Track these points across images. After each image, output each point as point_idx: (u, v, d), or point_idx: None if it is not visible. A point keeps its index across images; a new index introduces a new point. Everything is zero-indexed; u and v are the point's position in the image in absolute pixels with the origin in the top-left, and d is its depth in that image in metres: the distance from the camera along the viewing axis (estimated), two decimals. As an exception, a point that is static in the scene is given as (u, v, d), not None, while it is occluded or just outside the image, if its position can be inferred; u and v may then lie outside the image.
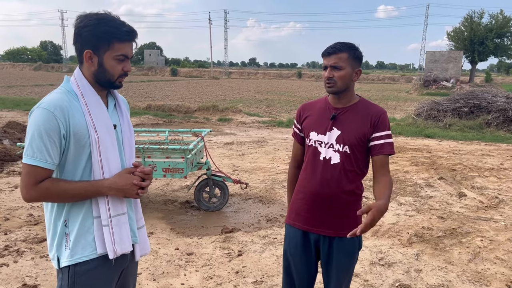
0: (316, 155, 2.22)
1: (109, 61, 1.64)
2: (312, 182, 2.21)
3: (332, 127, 2.19)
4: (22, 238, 4.24)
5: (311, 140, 2.25)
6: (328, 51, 2.15)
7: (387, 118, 2.19)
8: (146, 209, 5.20)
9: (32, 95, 22.57)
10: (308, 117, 2.31)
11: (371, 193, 5.94)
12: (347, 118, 2.19)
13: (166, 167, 4.69)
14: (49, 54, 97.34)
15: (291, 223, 2.32)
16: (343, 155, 2.17)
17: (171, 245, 4.16)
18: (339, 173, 2.17)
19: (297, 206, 2.30)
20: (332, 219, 2.20)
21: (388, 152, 2.18)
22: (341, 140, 2.17)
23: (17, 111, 16.17)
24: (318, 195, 2.20)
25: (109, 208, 1.67)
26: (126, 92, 26.79)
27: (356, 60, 2.16)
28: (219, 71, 73.01)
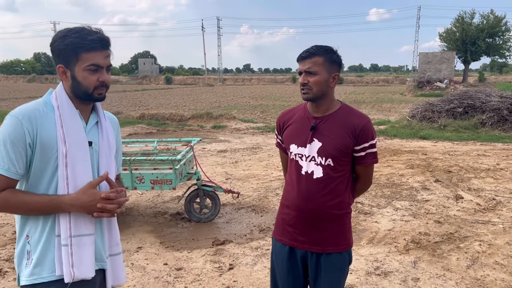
0: (298, 169, 2.09)
1: (81, 73, 1.58)
2: (296, 197, 2.09)
3: (313, 139, 2.06)
4: (5, 257, 4.09)
5: (292, 154, 2.12)
6: (302, 55, 2.02)
7: (370, 127, 2.06)
8: (136, 222, 5.07)
9: (24, 107, 22.39)
10: (288, 127, 2.18)
11: (365, 198, 5.83)
12: (328, 128, 2.05)
13: (154, 179, 4.56)
14: (43, 66, 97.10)
15: (277, 239, 2.20)
16: (327, 168, 2.04)
17: (159, 260, 4.02)
18: (323, 188, 2.04)
19: (283, 221, 2.18)
20: (319, 234, 2.08)
21: (370, 163, 2.08)
22: (322, 152, 2.03)
23: (9, 124, 15.96)
24: (302, 210, 2.08)
25: (70, 226, 1.56)
26: (120, 101, 26.68)
27: (333, 64, 2.03)
28: (213, 78, 73.01)
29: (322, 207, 2.05)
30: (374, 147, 2.06)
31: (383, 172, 7.51)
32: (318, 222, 2.07)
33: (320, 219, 2.06)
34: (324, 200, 2.04)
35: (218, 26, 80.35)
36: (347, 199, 2.11)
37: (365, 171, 2.13)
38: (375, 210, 5.47)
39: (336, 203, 2.06)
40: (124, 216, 5.32)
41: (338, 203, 2.07)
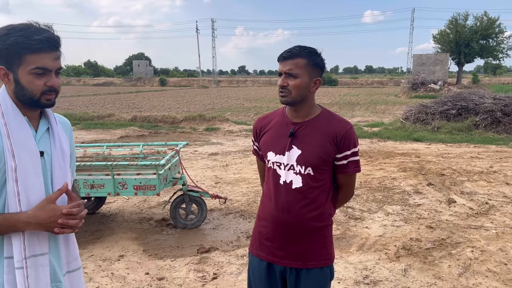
0: (276, 179, 1.95)
1: (25, 76, 1.41)
2: (274, 209, 1.95)
3: (292, 146, 1.92)
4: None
5: (269, 162, 1.98)
6: (283, 55, 1.88)
7: (352, 134, 1.93)
8: (120, 229, 4.92)
9: (16, 109, 22.14)
10: (265, 134, 2.03)
11: (356, 203, 5.70)
12: (308, 134, 1.92)
13: (137, 184, 4.41)
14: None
15: (254, 253, 2.06)
16: (306, 177, 1.91)
17: (141, 269, 3.87)
18: (302, 199, 1.91)
19: (260, 234, 2.04)
20: (298, 249, 1.94)
21: (352, 172, 1.95)
22: (302, 160, 1.90)
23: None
24: (281, 223, 1.94)
25: (25, 247, 1.41)
26: (113, 103, 26.48)
27: (315, 68, 1.89)
28: (208, 80, 72.86)
29: (302, 219, 1.92)
30: (357, 155, 1.94)
31: (375, 175, 7.40)
32: (297, 235, 1.94)
33: (300, 232, 1.93)
34: (304, 211, 1.91)
35: (212, 28, 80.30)
36: (328, 210, 1.99)
37: (347, 180, 2.01)
38: (366, 215, 5.35)
39: (317, 215, 1.94)
40: (108, 222, 5.17)
41: (319, 214, 1.94)
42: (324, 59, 1.93)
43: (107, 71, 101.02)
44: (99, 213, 5.49)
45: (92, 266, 3.93)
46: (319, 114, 1.96)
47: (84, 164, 4.41)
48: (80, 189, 4.39)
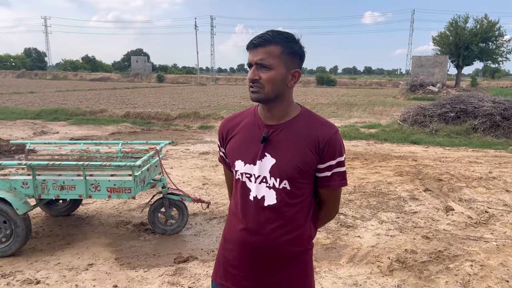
0: (245, 193, 1.61)
1: None
2: (242, 230, 1.61)
3: (264, 154, 1.58)
4: None
5: (238, 173, 1.64)
6: (253, 42, 1.53)
7: (338, 140, 1.60)
8: (93, 233, 4.57)
9: (8, 103, 21.69)
10: (232, 138, 1.69)
11: (349, 209, 5.37)
12: (284, 139, 1.58)
13: (111, 186, 4.06)
14: (33, 61, 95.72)
15: (218, 283, 1.71)
16: (281, 193, 1.57)
17: (109, 281, 3.53)
18: (276, 218, 1.58)
19: (225, 260, 1.69)
20: (270, 278, 1.62)
21: (337, 186, 1.62)
22: (276, 172, 1.56)
23: (-13, 120, 15.36)
24: (249, 247, 1.60)
25: None
26: (108, 99, 26.05)
27: (293, 57, 1.56)
28: (206, 77, 72.38)
29: (275, 243, 1.59)
30: (343, 165, 1.62)
31: (370, 179, 7.08)
32: (270, 263, 1.61)
33: (273, 259, 1.60)
34: (278, 234, 1.58)
35: (211, 25, 79.81)
36: (307, 232, 1.66)
37: (331, 195, 1.68)
38: (359, 223, 5.03)
39: (294, 238, 1.61)
40: (83, 225, 4.83)
41: (296, 237, 1.61)
42: (303, 47, 1.59)
43: (105, 66, 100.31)
44: (75, 215, 5.15)
45: (56, 276, 3.59)
46: (298, 115, 1.63)
47: (53, 164, 4.06)
48: (49, 190, 4.05)
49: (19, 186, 4.05)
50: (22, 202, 3.94)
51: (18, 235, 3.91)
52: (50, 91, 33.09)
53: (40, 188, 4.04)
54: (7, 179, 4.10)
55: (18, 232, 3.90)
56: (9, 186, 4.04)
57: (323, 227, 4.82)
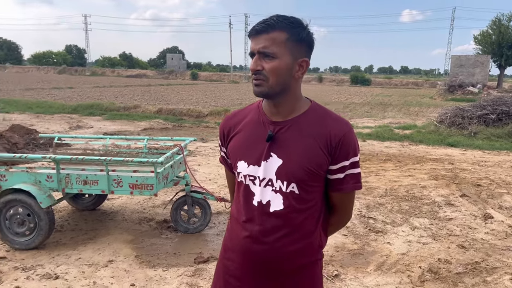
0: (248, 198, 1.47)
1: None
2: (244, 238, 1.47)
3: (270, 154, 1.43)
4: (-41, 265, 3.63)
5: (240, 175, 1.49)
6: (256, 28, 1.37)
7: (352, 138, 1.44)
8: (116, 229, 4.54)
9: (48, 98, 22.40)
10: (234, 136, 1.53)
11: (379, 213, 5.11)
12: (292, 138, 1.43)
13: (133, 183, 4.01)
14: (74, 58, 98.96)
15: None
16: (289, 197, 1.42)
17: (127, 279, 3.47)
18: (283, 226, 1.42)
19: (225, 270, 1.56)
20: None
21: (351, 189, 1.46)
22: (283, 174, 1.41)
23: (27, 113, 15.87)
24: (253, 257, 1.46)
25: None
26: (142, 95, 26.48)
27: (300, 45, 1.39)
28: (239, 75, 72.63)
29: (282, 253, 1.44)
30: (357, 167, 1.46)
31: (402, 182, 6.77)
32: (274, 273, 1.46)
33: (278, 269, 1.46)
34: (284, 242, 1.43)
35: (245, 23, 79.94)
36: (317, 240, 1.50)
37: (343, 200, 1.52)
38: (389, 228, 4.78)
39: (302, 247, 1.46)
40: (107, 220, 4.82)
41: (305, 247, 1.46)
42: (312, 34, 1.42)
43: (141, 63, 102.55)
44: (100, 210, 5.15)
45: (75, 272, 3.56)
46: (307, 110, 1.47)
47: (76, 158, 4.05)
48: (73, 185, 4.04)
49: (43, 180, 4.06)
50: (46, 196, 3.94)
51: (41, 228, 3.91)
52: (88, 86, 34.00)
53: (63, 182, 4.04)
54: (32, 172, 4.12)
55: (41, 226, 3.91)
56: (34, 179, 4.06)
57: (350, 232, 4.61)
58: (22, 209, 3.93)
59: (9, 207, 3.95)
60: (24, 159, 4.16)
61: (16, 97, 21.60)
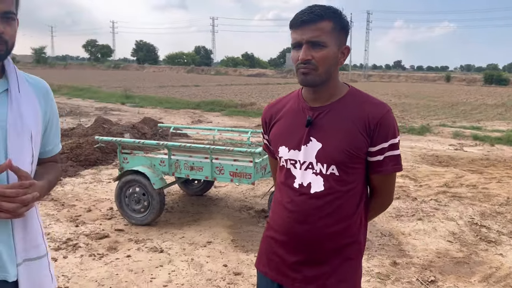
0: (290, 181, 1.52)
1: None
2: (286, 218, 1.53)
3: (310, 138, 1.48)
4: (87, 232, 4.25)
5: (282, 159, 1.56)
6: (303, 19, 1.40)
7: (391, 120, 1.45)
8: (218, 214, 4.85)
9: (176, 94, 24.51)
10: (276, 124, 1.60)
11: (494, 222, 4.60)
12: (331, 122, 1.46)
13: (233, 171, 4.25)
14: (201, 58, 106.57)
15: (262, 271, 1.65)
16: (329, 179, 1.46)
17: (221, 260, 3.70)
18: (323, 207, 1.46)
19: (269, 247, 1.62)
20: (316, 271, 1.51)
21: (391, 171, 1.47)
22: (323, 157, 1.45)
23: (158, 108, 17.59)
24: (295, 237, 1.51)
25: None
26: (260, 93, 27.38)
27: (343, 33, 1.45)
28: (357, 74, 70.81)
29: (322, 234, 1.48)
30: (397, 148, 1.47)
31: (531, 191, 5.99)
32: (315, 254, 1.50)
33: (319, 248, 1.50)
34: (326, 223, 1.47)
35: (367, 20, 77.55)
36: (357, 222, 1.52)
37: (383, 182, 1.53)
38: (505, 239, 4.29)
39: (343, 229, 1.49)
40: (211, 206, 5.17)
41: (346, 228, 1.49)
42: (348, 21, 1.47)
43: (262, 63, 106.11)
44: (206, 196, 5.55)
45: (177, 248, 3.91)
46: (345, 95, 1.51)
47: (184, 145, 4.44)
48: (181, 170, 4.43)
49: (157, 164, 4.52)
50: (158, 178, 4.39)
51: (153, 207, 4.37)
52: (211, 84, 36.35)
53: (173, 167, 4.45)
54: (148, 157, 4.62)
55: (153, 205, 4.36)
56: (150, 163, 4.54)
57: (457, 238, 4.26)
58: (139, 188, 4.43)
59: (128, 186, 4.48)
60: (142, 144, 4.68)
61: (151, 93, 24.04)
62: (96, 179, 6.24)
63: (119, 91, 22.73)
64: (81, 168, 6.76)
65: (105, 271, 3.46)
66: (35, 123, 1.36)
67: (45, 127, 1.44)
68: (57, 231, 4.25)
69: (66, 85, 25.24)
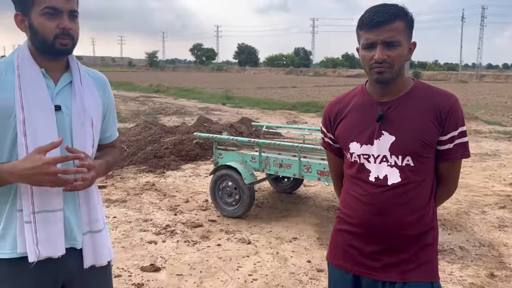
0: (364, 175, 1.57)
1: (37, 18, 1.37)
2: (362, 211, 1.57)
3: (381, 132, 1.53)
4: (184, 221, 4.61)
5: (354, 155, 1.60)
6: (378, 20, 1.44)
7: (459, 109, 1.50)
8: (306, 212, 4.93)
9: (274, 95, 25.04)
10: (342, 121, 1.64)
11: None
12: (402, 114, 1.52)
13: (321, 170, 4.28)
14: (300, 60, 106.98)
15: (335, 264, 1.69)
16: (405, 170, 1.51)
17: (305, 255, 3.77)
18: (400, 197, 1.51)
19: (342, 240, 1.66)
20: (395, 259, 1.54)
21: (460, 157, 1.53)
22: (397, 149, 1.50)
23: (256, 109, 18.16)
24: (373, 228, 1.55)
25: (33, 201, 1.38)
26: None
27: (411, 30, 1.52)
28: (468, 74, 65.37)
29: (400, 224, 1.53)
30: (465, 136, 1.53)
31: None
32: (394, 242, 1.54)
33: (397, 239, 1.54)
34: (403, 213, 1.52)
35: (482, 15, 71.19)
36: (431, 210, 1.57)
37: (451, 169, 1.59)
38: None
39: (419, 217, 1.53)
40: (300, 204, 5.26)
41: (421, 216, 1.54)
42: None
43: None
44: (295, 194, 5.65)
45: (264, 241, 4.07)
46: (412, 88, 1.56)
47: (274, 143, 4.59)
48: (271, 166, 4.59)
49: (249, 160, 4.74)
50: (249, 174, 4.60)
51: (244, 201, 4.59)
52: (309, 86, 36.40)
53: (263, 164, 4.63)
54: (241, 153, 4.86)
55: (244, 199, 4.58)
56: (242, 159, 4.78)
57: None
58: (231, 183, 4.69)
59: (222, 180, 4.77)
60: (235, 141, 4.94)
61: (250, 95, 24.85)
62: (195, 173, 6.70)
63: (220, 92, 23.86)
64: (182, 163, 7.31)
65: (197, 256, 3.74)
66: (95, 111, 1.53)
67: (104, 115, 1.61)
68: (158, 218, 4.68)
69: (173, 86, 27.19)
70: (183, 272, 3.45)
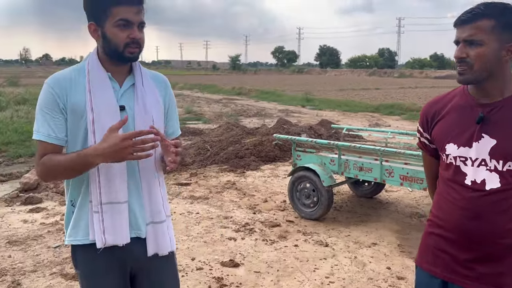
0: (460, 178, 1.51)
1: (110, 29, 1.51)
2: (456, 215, 1.52)
3: (481, 135, 1.47)
4: (262, 220, 4.71)
5: (449, 156, 1.55)
6: (461, 18, 1.44)
7: None
8: (386, 218, 4.77)
9: (355, 97, 24.48)
10: (440, 121, 1.59)
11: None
12: (505, 118, 1.44)
13: (403, 174, 4.13)
14: (385, 60, 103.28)
15: (425, 268, 1.65)
16: (506, 175, 1.44)
17: (385, 262, 3.65)
18: (500, 203, 1.44)
19: (434, 244, 1.62)
20: (489, 268, 1.48)
21: None
22: (498, 153, 1.44)
23: (336, 111, 17.92)
24: (469, 234, 1.50)
25: (100, 192, 1.53)
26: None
27: (508, 30, 1.40)
28: None
29: (498, 231, 1.45)
30: None
31: None
32: (490, 251, 1.47)
33: (493, 247, 1.46)
34: (501, 220, 1.45)
35: None
36: None
37: None
38: None
39: None
40: (380, 209, 5.11)
41: None
42: None
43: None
44: (376, 199, 5.49)
45: (341, 245, 4.02)
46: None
47: (354, 146, 4.51)
48: (350, 170, 4.52)
49: (327, 162, 4.71)
50: (328, 176, 4.57)
51: (322, 203, 4.57)
52: (393, 87, 35.04)
53: (343, 166, 4.58)
54: (319, 155, 4.85)
55: (322, 201, 4.57)
56: (321, 161, 4.76)
57: None
58: (309, 184, 4.70)
59: (300, 181, 4.79)
60: (314, 143, 4.94)
61: (330, 97, 24.55)
62: (273, 174, 6.80)
63: (300, 94, 23.87)
64: (262, 163, 7.45)
65: (275, 255, 3.81)
66: (156, 110, 1.65)
67: (165, 113, 1.73)
68: (238, 216, 4.83)
69: (254, 89, 27.74)
70: (261, 269, 3.54)
